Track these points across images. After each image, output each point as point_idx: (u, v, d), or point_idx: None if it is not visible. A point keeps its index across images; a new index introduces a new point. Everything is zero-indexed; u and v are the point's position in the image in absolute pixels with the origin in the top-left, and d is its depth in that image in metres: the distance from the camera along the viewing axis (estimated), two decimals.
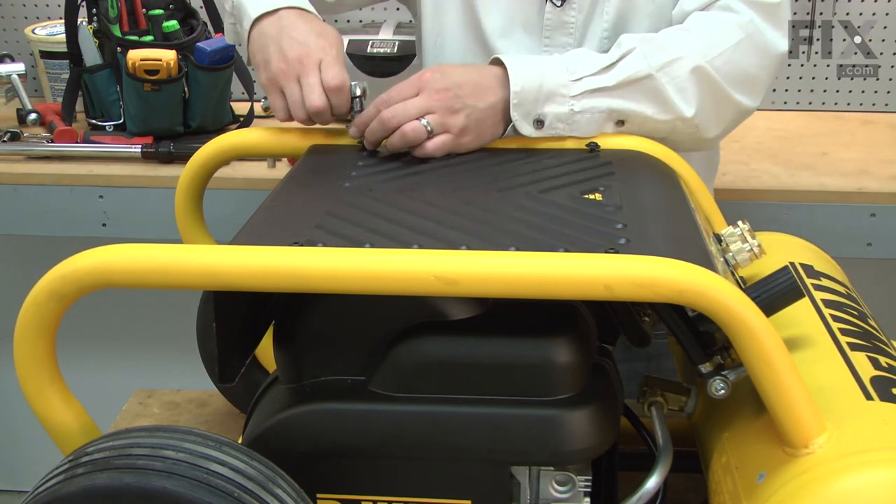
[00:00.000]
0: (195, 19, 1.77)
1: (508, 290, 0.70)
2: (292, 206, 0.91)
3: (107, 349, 2.22)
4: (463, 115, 1.00)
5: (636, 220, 0.84)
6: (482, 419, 0.76)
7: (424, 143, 0.99)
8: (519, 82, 1.01)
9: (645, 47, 1.04)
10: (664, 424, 0.86)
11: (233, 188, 1.57)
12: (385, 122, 0.99)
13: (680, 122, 1.05)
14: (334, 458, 0.78)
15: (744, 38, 1.07)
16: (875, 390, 0.76)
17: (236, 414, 1.18)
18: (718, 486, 0.79)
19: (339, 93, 1.00)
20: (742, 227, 0.89)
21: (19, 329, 0.73)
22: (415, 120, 0.99)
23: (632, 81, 1.03)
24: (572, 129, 1.04)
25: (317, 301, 0.79)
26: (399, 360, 0.78)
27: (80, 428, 0.76)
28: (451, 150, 1.00)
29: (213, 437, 0.69)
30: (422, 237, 0.80)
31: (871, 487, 0.68)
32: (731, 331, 0.70)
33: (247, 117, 1.82)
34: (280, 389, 0.82)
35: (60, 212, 1.66)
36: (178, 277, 0.72)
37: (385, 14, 1.97)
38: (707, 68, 1.04)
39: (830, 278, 0.98)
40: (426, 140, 0.99)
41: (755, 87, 1.10)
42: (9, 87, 1.88)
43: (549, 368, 0.77)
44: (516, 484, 0.79)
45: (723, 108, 1.08)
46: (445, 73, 1.02)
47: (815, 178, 1.64)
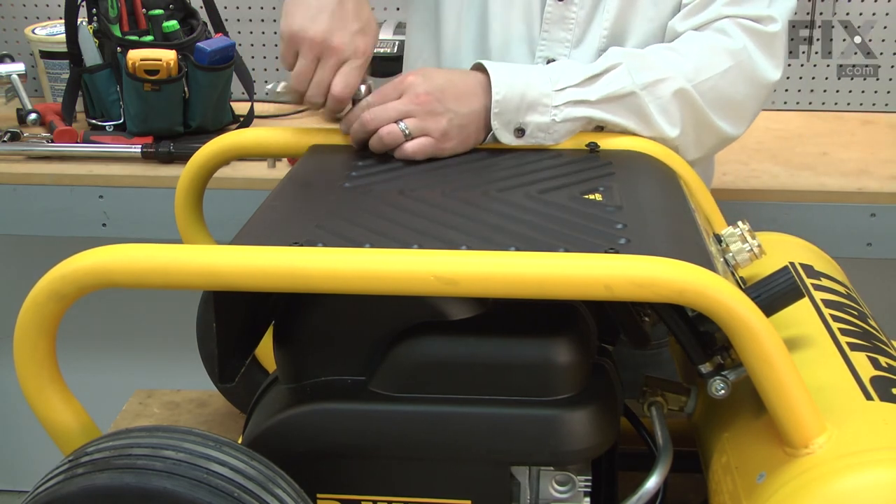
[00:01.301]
0: (195, 19, 1.78)
1: (508, 290, 0.70)
2: (292, 206, 0.91)
3: (107, 349, 2.22)
4: (444, 120, 0.99)
5: (636, 221, 0.84)
6: (482, 419, 0.76)
7: (403, 145, 0.99)
8: (501, 90, 1.01)
9: (631, 63, 1.03)
10: (664, 424, 0.86)
11: (233, 188, 1.57)
12: (365, 123, 1.00)
13: (660, 140, 1.04)
14: (334, 458, 0.78)
15: (733, 65, 1.05)
16: (875, 390, 0.76)
17: (236, 414, 1.18)
18: (718, 486, 0.79)
19: (338, 102, 1.00)
20: (742, 227, 0.89)
21: (19, 329, 0.73)
22: (392, 123, 0.99)
23: (614, 97, 1.02)
24: (552, 138, 1.03)
25: (317, 301, 0.79)
26: (399, 360, 0.78)
27: (80, 428, 0.76)
28: (433, 153, 1.00)
29: (213, 437, 0.69)
30: (422, 237, 0.80)
31: (871, 487, 0.68)
32: (731, 331, 0.70)
33: (247, 117, 1.82)
34: (280, 389, 0.82)
35: (60, 212, 1.66)
36: (178, 277, 0.72)
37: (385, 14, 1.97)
38: (691, 92, 1.04)
39: (830, 278, 0.98)
40: (404, 143, 0.99)
41: (740, 115, 1.09)
42: (9, 87, 1.88)
43: (549, 368, 0.77)
44: (516, 484, 0.79)
45: (704, 133, 1.07)
46: (428, 77, 1.01)
47: (815, 178, 1.64)
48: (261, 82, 2.00)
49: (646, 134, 1.04)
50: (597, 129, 1.05)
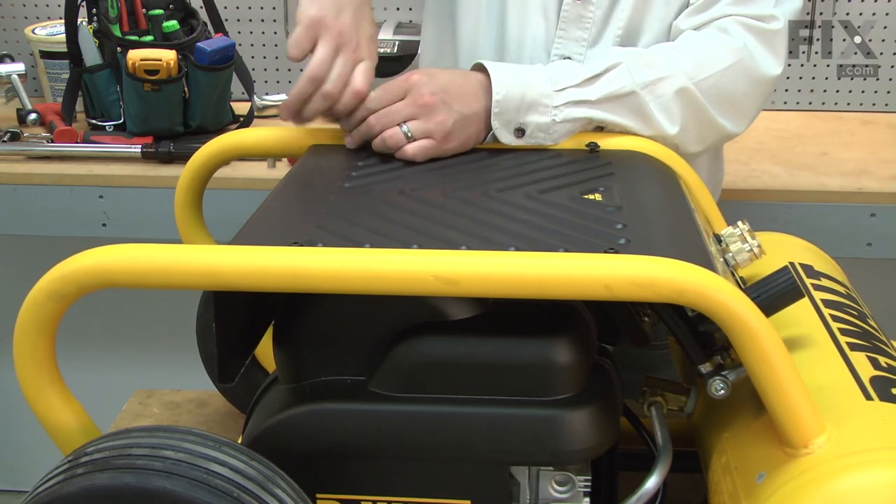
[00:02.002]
0: (195, 19, 1.77)
1: (508, 290, 0.70)
2: (292, 206, 0.91)
3: (107, 349, 2.22)
4: (448, 122, 0.99)
5: (636, 221, 0.84)
6: (482, 419, 0.76)
7: (405, 146, 0.99)
8: (501, 90, 1.01)
9: (631, 62, 1.03)
10: (664, 424, 0.86)
11: (233, 188, 1.57)
12: (371, 127, 1.00)
13: (660, 138, 1.05)
14: (334, 458, 0.78)
15: (734, 63, 1.05)
16: (875, 390, 0.76)
17: (236, 414, 1.18)
18: (718, 486, 0.79)
19: (357, 98, 0.99)
20: (742, 227, 0.89)
21: (19, 329, 0.73)
22: (395, 126, 0.99)
23: (615, 97, 1.03)
24: (552, 139, 1.03)
25: (317, 301, 0.79)
26: (399, 360, 0.78)
27: (80, 428, 0.76)
28: (434, 154, 1.00)
29: (213, 437, 0.69)
30: (422, 237, 0.80)
31: (870, 487, 0.68)
32: (731, 331, 0.70)
33: (247, 117, 1.82)
34: (280, 389, 0.82)
35: (60, 212, 1.66)
36: (178, 277, 0.72)
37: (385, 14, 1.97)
38: (693, 90, 1.04)
39: (830, 278, 0.98)
40: (406, 144, 0.99)
41: (741, 113, 1.09)
42: (9, 87, 1.88)
43: (549, 368, 0.77)
44: (516, 484, 0.79)
45: (706, 130, 1.07)
46: (432, 77, 1.01)
47: (815, 178, 1.64)
48: (261, 82, 2.00)
49: (646, 133, 1.04)
50: (597, 128, 1.05)
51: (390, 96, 1.00)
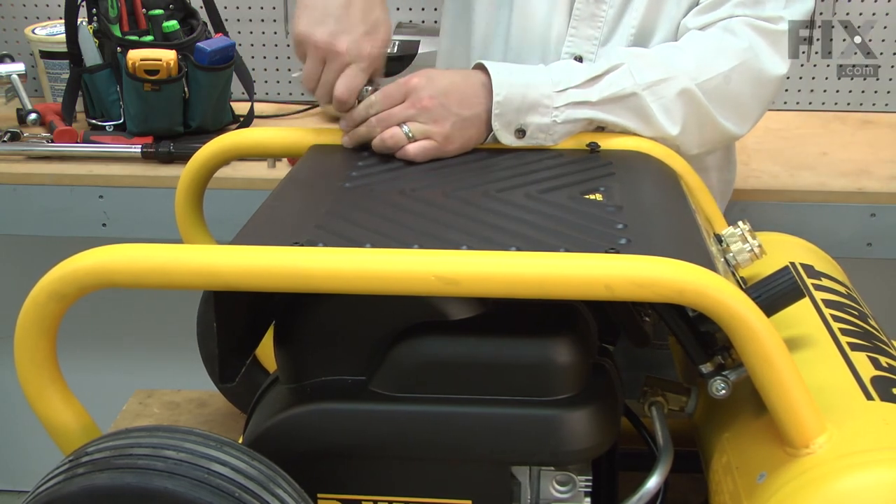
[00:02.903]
0: (195, 19, 1.77)
1: (509, 290, 0.70)
2: (292, 206, 0.91)
3: (107, 349, 2.22)
4: (448, 124, 1.00)
5: (636, 221, 0.84)
6: (482, 419, 0.76)
7: (406, 147, 1.00)
8: (502, 92, 1.01)
9: (633, 63, 1.03)
10: (664, 424, 0.86)
11: (233, 188, 1.57)
12: (371, 128, 1.01)
13: (661, 139, 1.04)
14: (335, 458, 0.78)
15: (738, 64, 1.05)
16: (875, 390, 0.76)
17: (237, 414, 1.18)
18: (719, 486, 0.79)
19: (340, 104, 1.02)
20: (742, 227, 0.89)
21: (19, 329, 0.73)
22: (395, 126, 0.99)
23: (616, 98, 1.02)
24: (553, 139, 1.03)
25: (317, 301, 0.79)
26: (399, 360, 0.78)
27: (81, 428, 0.76)
28: (435, 155, 1.00)
29: (214, 437, 0.69)
30: (422, 237, 0.80)
31: (871, 487, 0.68)
32: (732, 331, 0.70)
33: (247, 117, 1.82)
34: (280, 389, 0.82)
35: (60, 212, 1.66)
36: (178, 277, 0.72)
37: None
38: (695, 91, 1.03)
39: (831, 278, 0.98)
40: (407, 144, 1.00)
41: (745, 114, 1.09)
42: (9, 87, 1.88)
43: (549, 368, 0.77)
44: (517, 484, 0.79)
45: (708, 131, 1.07)
46: (432, 81, 1.01)
47: (815, 178, 1.64)
48: (261, 82, 2.00)
49: (647, 134, 1.04)
50: (597, 129, 1.05)
51: (390, 100, 1.01)
